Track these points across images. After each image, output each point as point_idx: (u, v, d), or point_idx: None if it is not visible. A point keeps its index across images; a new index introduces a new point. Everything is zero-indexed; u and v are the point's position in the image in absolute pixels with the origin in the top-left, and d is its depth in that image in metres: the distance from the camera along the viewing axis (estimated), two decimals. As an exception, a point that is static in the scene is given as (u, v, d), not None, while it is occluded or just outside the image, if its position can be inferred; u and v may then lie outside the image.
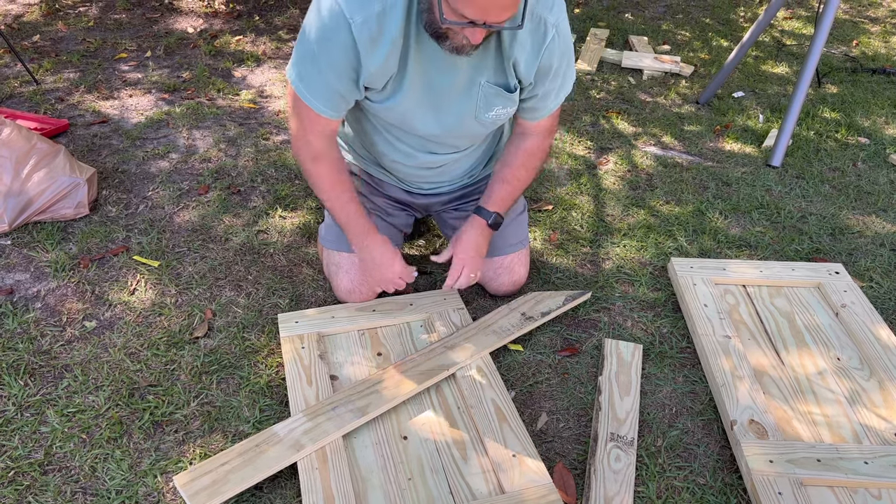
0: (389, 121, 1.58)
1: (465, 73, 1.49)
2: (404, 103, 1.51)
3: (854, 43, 3.82)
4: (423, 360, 1.59)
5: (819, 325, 1.76)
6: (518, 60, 1.47)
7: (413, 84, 1.48)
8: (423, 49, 1.43)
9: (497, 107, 1.55)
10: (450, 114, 1.55)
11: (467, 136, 1.65)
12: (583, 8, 4.15)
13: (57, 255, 1.94)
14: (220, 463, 1.35)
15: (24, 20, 3.57)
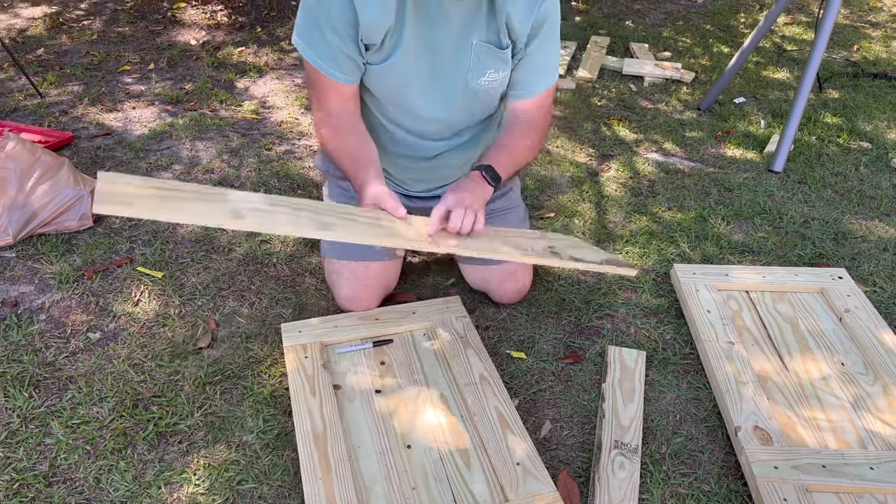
0: (387, 92, 1.57)
1: (457, 28, 1.49)
2: (402, 64, 1.51)
3: (855, 48, 3.82)
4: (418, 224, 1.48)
5: (823, 331, 1.75)
6: (511, 15, 1.49)
7: (410, 41, 1.48)
8: (420, 7, 1.45)
9: (489, 70, 1.55)
10: (444, 77, 1.55)
11: (459, 109, 1.62)
12: (583, 16, 4.17)
13: (61, 266, 1.95)
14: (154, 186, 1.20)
15: (29, 34, 3.59)
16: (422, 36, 1.49)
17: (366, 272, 1.76)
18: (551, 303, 1.90)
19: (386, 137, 1.70)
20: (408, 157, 1.73)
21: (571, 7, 4.30)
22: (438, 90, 1.58)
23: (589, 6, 4.33)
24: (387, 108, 1.64)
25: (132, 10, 3.97)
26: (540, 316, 1.86)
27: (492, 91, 1.60)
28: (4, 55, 3.25)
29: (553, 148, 2.69)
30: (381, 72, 1.53)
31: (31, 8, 3.93)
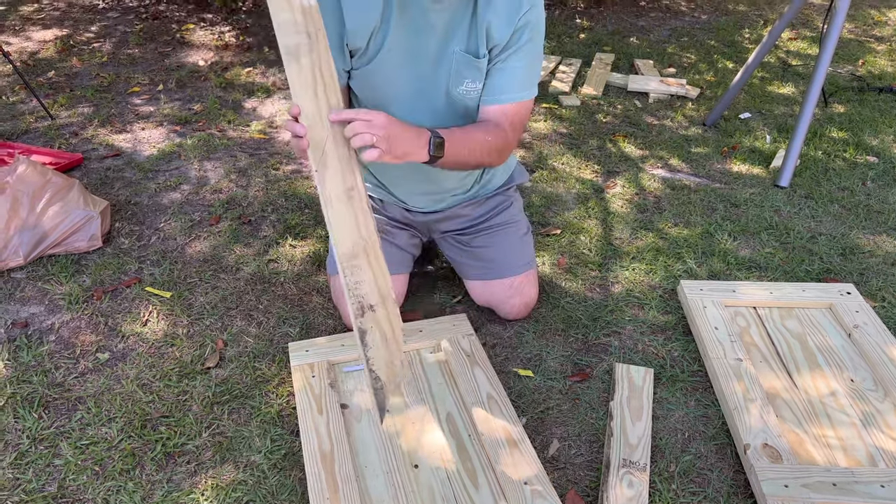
0: (372, 95, 1.60)
1: (440, 36, 1.52)
2: (385, 68, 1.54)
3: (860, 62, 3.83)
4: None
5: (832, 347, 1.75)
6: (491, 23, 1.50)
7: (393, 46, 1.51)
8: (406, 11, 1.48)
9: (467, 79, 1.56)
10: (427, 83, 1.57)
11: (444, 117, 1.62)
12: (588, 33, 4.19)
13: (71, 287, 1.97)
14: None
15: (40, 57, 3.64)
16: (405, 42, 1.52)
17: None
18: (558, 320, 1.90)
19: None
20: (402, 169, 1.74)
21: (576, 24, 4.33)
22: (422, 96, 1.60)
23: (593, 23, 4.36)
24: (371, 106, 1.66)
25: (142, 32, 4.02)
26: (547, 333, 1.86)
27: (469, 101, 1.60)
28: (16, 78, 3.29)
29: (559, 164, 2.71)
30: (365, 74, 1.58)
31: (42, 31, 3.99)
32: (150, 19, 4.22)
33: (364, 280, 1.34)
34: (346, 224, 1.32)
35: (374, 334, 1.34)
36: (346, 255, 1.33)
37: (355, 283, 1.33)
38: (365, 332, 1.33)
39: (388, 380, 1.36)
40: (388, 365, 1.35)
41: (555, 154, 2.79)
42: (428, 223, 1.89)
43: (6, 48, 3.70)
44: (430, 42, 1.53)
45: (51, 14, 4.27)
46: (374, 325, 1.34)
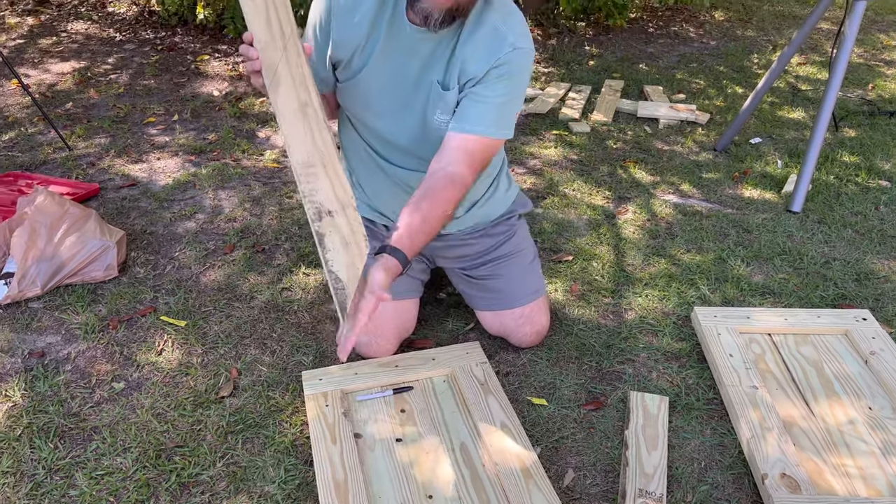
0: (356, 110, 1.66)
1: (420, 64, 1.55)
2: (366, 85, 1.59)
3: (870, 86, 3.83)
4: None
5: (848, 374, 1.73)
6: (468, 59, 1.51)
7: (377, 65, 1.56)
8: (393, 33, 1.53)
9: (438, 110, 1.58)
10: (405, 107, 1.60)
11: (421, 141, 1.63)
12: (597, 60, 4.23)
13: (87, 317, 1.99)
14: None
15: (58, 88, 3.71)
16: (389, 63, 1.56)
17: (378, 313, 1.77)
18: (571, 347, 1.90)
19: (370, 165, 1.76)
20: (389, 188, 1.77)
21: (585, 52, 4.37)
22: (401, 118, 1.63)
23: (602, 50, 4.40)
24: (362, 131, 1.71)
25: (157, 63, 4.09)
26: (560, 361, 1.85)
27: (442, 133, 1.58)
28: (35, 110, 3.35)
29: (570, 191, 2.72)
30: (349, 89, 1.63)
31: (60, 63, 4.07)
32: (165, 51, 4.30)
33: (321, 188, 1.37)
34: (301, 136, 1.37)
35: (334, 238, 1.37)
36: (300, 163, 1.37)
37: (310, 190, 1.37)
38: (323, 236, 1.37)
39: (349, 280, 1.38)
40: (348, 267, 1.38)
41: (566, 180, 2.80)
42: (431, 249, 1.89)
43: (25, 80, 3.77)
44: (412, 67, 1.57)
45: (69, 47, 4.36)
46: (333, 230, 1.37)
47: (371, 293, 1.35)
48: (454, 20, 1.46)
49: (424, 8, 1.43)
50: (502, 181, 1.89)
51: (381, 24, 1.53)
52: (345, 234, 1.37)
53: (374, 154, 1.73)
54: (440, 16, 1.43)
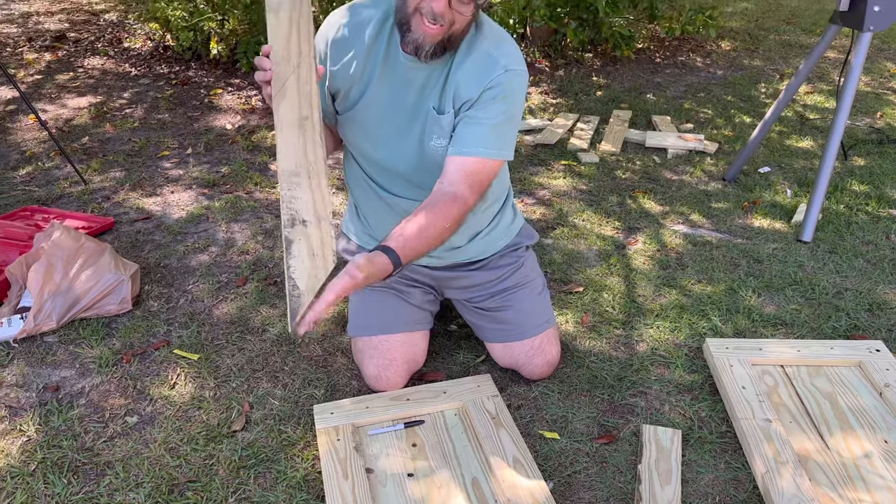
0: (355, 140, 1.70)
1: (416, 93, 1.60)
2: (364, 115, 1.63)
3: (878, 114, 3.85)
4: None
5: (863, 407, 1.72)
6: (461, 83, 1.55)
7: (374, 96, 1.61)
8: (389, 64, 1.59)
9: (434, 135, 1.61)
10: (403, 135, 1.64)
11: (419, 169, 1.67)
12: (605, 90, 4.27)
13: (101, 350, 2.00)
14: None
15: (74, 123, 3.78)
16: (386, 93, 1.61)
17: (387, 346, 1.78)
18: (583, 380, 1.89)
19: (372, 196, 1.78)
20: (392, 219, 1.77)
21: (593, 82, 4.41)
22: (399, 147, 1.66)
23: (610, 81, 4.44)
24: (363, 163, 1.75)
25: (171, 97, 4.16)
26: (572, 394, 1.85)
27: (440, 158, 1.61)
28: (52, 144, 3.41)
29: (579, 221, 2.73)
30: (348, 120, 1.67)
31: (77, 98, 4.15)
32: (179, 85, 4.38)
33: (301, 197, 1.41)
34: (293, 147, 1.42)
35: (301, 246, 1.40)
36: (286, 171, 1.41)
37: (290, 197, 1.41)
38: (291, 242, 1.40)
39: (307, 290, 1.40)
40: (309, 277, 1.40)
41: (575, 211, 2.81)
42: (437, 279, 1.90)
43: (43, 115, 3.84)
44: (408, 97, 1.61)
45: (85, 82, 4.44)
46: (303, 239, 1.40)
47: (346, 273, 1.37)
48: (445, 51, 1.51)
49: (415, 39, 1.48)
50: (507, 212, 1.91)
51: (378, 55, 1.59)
52: (314, 246, 1.41)
53: (375, 185, 1.76)
54: (431, 48, 1.48)
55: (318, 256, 1.40)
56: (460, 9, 1.43)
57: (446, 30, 1.45)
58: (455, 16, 1.44)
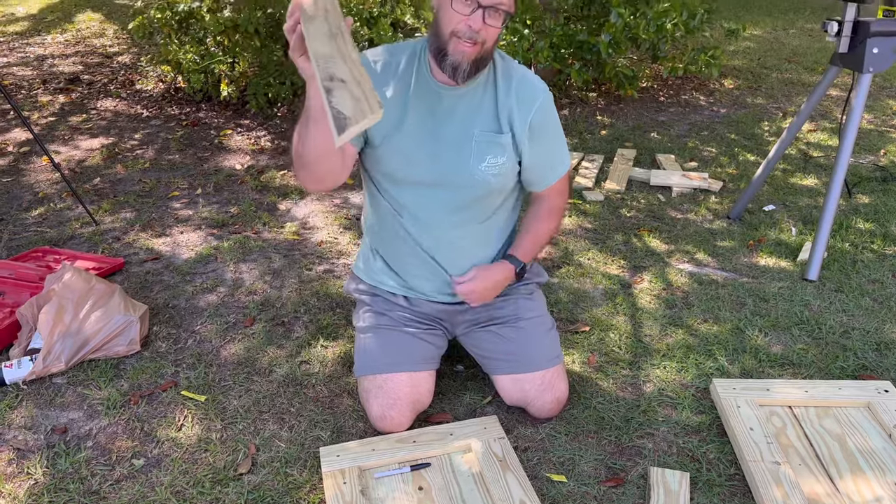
0: (391, 168, 1.73)
1: (461, 121, 1.69)
2: (404, 142, 1.69)
3: (882, 152, 3.87)
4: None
5: (872, 449, 1.70)
6: (512, 111, 1.70)
7: (412, 127, 1.68)
8: (421, 97, 1.68)
9: (489, 155, 1.70)
10: (445, 162, 1.71)
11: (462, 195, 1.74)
12: (609, 129, 4.31)
13: (109, 392, 2.01)
14: None
15: (87, 164, 3.84)
16: (423, 125, 1.69)
17: (392, 385, 1.79)
18: (590, 421, 1.89)
19: (397, 231, 1.81)
20: (418, 267, 1.84)
21: (597, 121, 4.46)
22: (443, 177, 1.72)
23: (614, 120, 4.49)
24: (395, 193, 1.77)
25: (182, 138, 4.23)
26: (579, 435, 1.84)
27: (492, 177, 1.72)
28: (64, 185, 3.47)
29: (585, 260, 2.74)
30: (380, 153, 1.72)
31: (89, 140, 4.22)
32: (190, 126, 4.45)
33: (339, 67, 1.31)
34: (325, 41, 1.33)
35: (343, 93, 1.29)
36: (321, 55, 1.32)
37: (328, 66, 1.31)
38: (331, 90, 1.29)
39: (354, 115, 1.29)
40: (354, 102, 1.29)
41: (580, 249, 2.83)
42: (449, 314, 1.92)
43: (56, 157, 3.91)
44: (449, 126, 1.69)
45: (98, 123, 4.52)
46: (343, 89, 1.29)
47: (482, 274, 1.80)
48: (477, 71, 1.62)
49: (453, 62, 1.58)
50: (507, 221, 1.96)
51: (408, 88, 1.67)
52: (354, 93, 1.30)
53: (403, 220, 1.79)
54: (468, 66, 1.59)
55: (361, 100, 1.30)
56: (492, 23, 1.56)
57: (480, 48, 1.58)
58: (487, 33, 1.56)
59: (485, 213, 1.80)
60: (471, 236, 1.82)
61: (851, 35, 2.48)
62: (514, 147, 1.73)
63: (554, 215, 1.89)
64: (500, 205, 1.83)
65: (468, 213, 1.78)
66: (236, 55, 4.47)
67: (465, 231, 1.80)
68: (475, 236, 1.82)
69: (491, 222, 1.83)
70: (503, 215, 1.87)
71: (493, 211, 1.82)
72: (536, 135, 1.74)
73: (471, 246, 1.83)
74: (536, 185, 1.84)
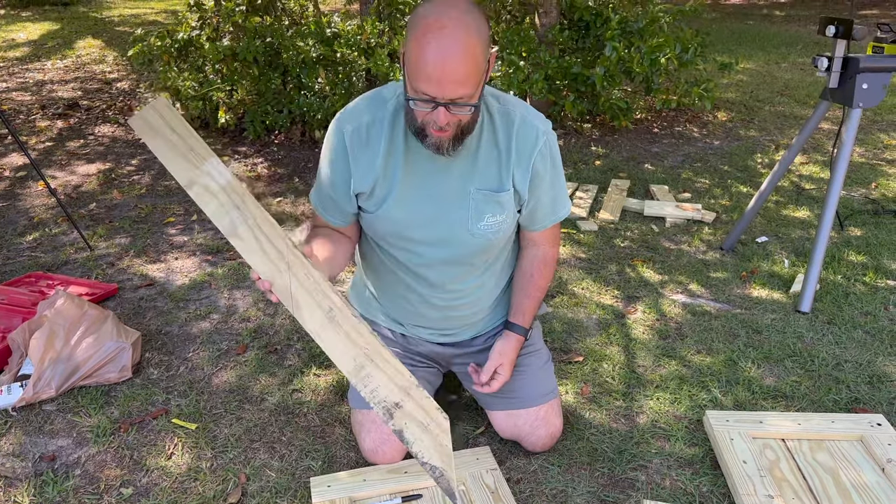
0: (386, 231, 1.68)
1: (457, 179, 1.62)
2: (399, 207, 1.63)
3: (873, 185, 3.91)
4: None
5: (866, 483, 1.70)
6: (513, 158, 1.62)
7: (404, 190, 1.61)
8: (413, 159, 1.61)
9: (487, 214, 1.64)
10: (445, 223, 1.65)
11: (462, 253, 1.69)
12: (603, 160, 4.35)
13: (99, 419, 2.00)
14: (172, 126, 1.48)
15: (83, 189, 3.85)
16: (420, 186, 1.62)
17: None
18: (583, 452, 1.88)
19: (392, 280, 1.79)
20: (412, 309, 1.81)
21: (591, 152, 4.50)
22: (442, 236, 1.66)
23: (608, 151, 4.53)
24: (390, 249, 1.73)
25: (179, 164, 4.25)
26: (572, 467, 1.83)
27: (491, 234, 1.67)
28: (59, 210, 3.47)
29: (579, 290, 2.75)
30: (376, 218, 1.67)
31: (86, 165, 4.24)
32: (187, 152, 4.47)
33: (379, 384, 1.42)
34: (340, 343, 1.45)
35: (412, 428, 1.41)
36: (351, 372, 1.43)
37: (372, 391, 1.42)
38: (402, 431, 1.42)
39: (444, 464, 1.42)
40: (437, 449, 1.41)
41: (574, 279, 2.84)
42: (443, 355, 1.91)
43: (52, 182, 3.92)
44: (447, 185, 1.62)
45: (95, 149, 4.55)
46: (408, 420, 1.41)
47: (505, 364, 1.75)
48: (463, 139, 1.53)
49: (433, 144, 1.50)
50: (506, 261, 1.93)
51: (398, 150, 1.60)
52: (420, 419, 1.44)
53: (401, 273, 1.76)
54: (449, 144, 1.50)
55: (430, 425, 1.43)
56: (458, 111, 1.45)
57: (456, 128, 1.49)
58: (458, 117, 1.47)
59: (486, 262, 1.77)
60: (472, 286, 1.78)
61: (841, 71, 2.52)
62: (516, 200, 1.67)
63: (548, 268, 1.82)
64: (498, 254, 1.79)
65: (469, 267, 1.74)
66: (234, 83, 4.51)
67: (465, 283, 1.76)
68: (476, 285, 1.79)
69: (491, 271, 1.80)
70: (504, 257, 1.83)
71: (495, 257, 1.79)
72: (538, 179, 1.66)
73: (472, 293, 1.80)
74: (532, 226, 1.76)
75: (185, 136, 1.48)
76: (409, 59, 1.42)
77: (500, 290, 1.86)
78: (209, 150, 1.48)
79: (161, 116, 1.47)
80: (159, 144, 1.46)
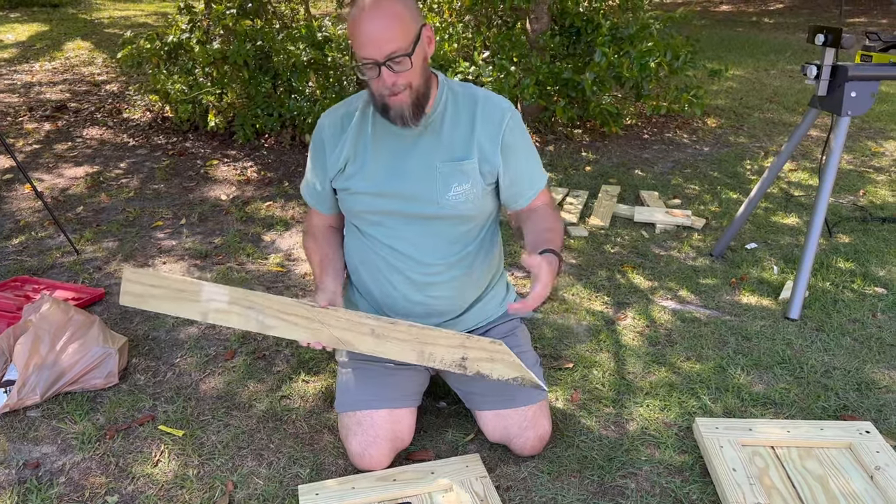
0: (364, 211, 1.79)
1: (423, 155, 1.73)
2: (367, 183, 1.75)
3: (861, 192, 3.93)
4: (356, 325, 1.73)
5: (854, 491, 1.70)
6: (481, 133, 1.73)
7: (373, 166, 1.74)
8: (381, 137, 1.75)
9: (454, 184, 1.73)
10: (416, 199, 1.74)
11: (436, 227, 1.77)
12: (594, 165, 4.36)
13: (84, 426, 1.97)
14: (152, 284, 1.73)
15: (70, 192, 3.82)
16: (388, 162, 1.74)
17: (371, 422, 1.77)
18: (573, 460, 1.87)
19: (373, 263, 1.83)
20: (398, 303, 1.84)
21: (582, 157, 4.51)
22: (414, 212, 1.75)
23: (598, 156, 4.54)
24: (368, 229, 1.82)
25: (168, 167, 4.22)
26: (562, 475, 1.82)
27: (460, 205, 1.74)
28: (46, 214, 3.44)
29: (569, 296, 2.74)
30: (349, 196, 1.79)
31: (74, 168, 4.21)
32: (176, 155, 4.45)
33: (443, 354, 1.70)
34: (397, 348, 1.71)
35: (483, 365, 1.68)
36: (419, 360, 1.71)
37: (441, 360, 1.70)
38: (479, 371, 1.68)
39: (519, 373, 1.67)
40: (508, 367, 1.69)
41: (565, 285, 2.83)
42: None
43: (39, 185, 3.89)
44: (414, 161, 1.73)
45: (83, 152, 4.51)
46: (477, 363, 1.68)
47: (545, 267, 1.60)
48: (423, 107, 1.68)
49: (395, 114, 1.65)
50: (501, 283, 1.99)
51: (366, 134, 1.75)
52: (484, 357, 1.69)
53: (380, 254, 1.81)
54: (410, 110, 1.64)
55: (493, 354, 1.67)
56: (401, 69, 1.58)
57: (410, 91, 1.62)
58: (405, 77, 1.60)
59: (460, 239, 1.80)
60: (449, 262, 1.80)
61: (830, 79, 2.53)
62: (485, 171, 1.75)
63: (555, 212, 1.86)
64: (471, 233, 1.81)
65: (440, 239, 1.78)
66: (224, 86, 4.50)
67: (441, 258, 1.79)
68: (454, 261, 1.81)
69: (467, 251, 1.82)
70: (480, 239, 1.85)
71: (472, 238, 1.82)
72: (509, 152, 1.76)
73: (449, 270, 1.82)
74: (517, 201, 1.82)
75: (167, 284, 1.71)
76: (350, 36, 1.61)
77: (478, 283, 1.88)
78: (194, 280, 1.70)
79: (138, 283, 1.72)
80: (156, 304, 1.72)
